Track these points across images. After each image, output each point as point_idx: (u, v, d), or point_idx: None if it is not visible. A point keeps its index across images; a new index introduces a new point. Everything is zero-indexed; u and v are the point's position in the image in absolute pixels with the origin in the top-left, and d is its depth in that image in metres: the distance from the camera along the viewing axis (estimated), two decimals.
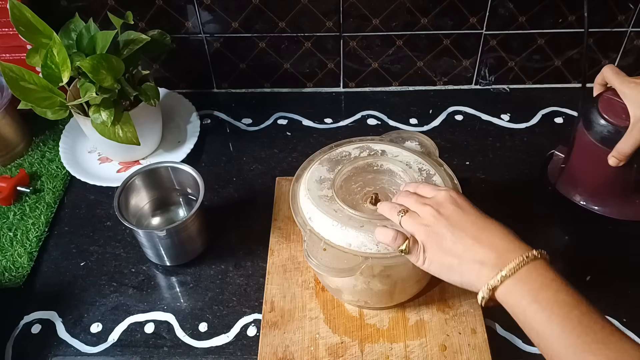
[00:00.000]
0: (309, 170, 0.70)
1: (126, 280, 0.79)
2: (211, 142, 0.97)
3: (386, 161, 0.70)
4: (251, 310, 0.75)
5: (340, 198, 0.66)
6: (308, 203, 0.66)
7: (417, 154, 0.71)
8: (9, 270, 0.79)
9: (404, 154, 0.71)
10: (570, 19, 0.94)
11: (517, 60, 1.01)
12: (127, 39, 0.82)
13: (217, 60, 1.01)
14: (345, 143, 0.74)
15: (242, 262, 0.80)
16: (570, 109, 1.00)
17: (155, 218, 0.84)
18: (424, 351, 0.69)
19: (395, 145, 0.72)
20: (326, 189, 0.67)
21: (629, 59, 1.00)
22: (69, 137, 0.94)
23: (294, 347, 0.70)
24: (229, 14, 0.94)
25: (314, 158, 0.72)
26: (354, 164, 0.70)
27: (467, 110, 1.00)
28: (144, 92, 0.84)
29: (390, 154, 0.71)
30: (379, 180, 0.69)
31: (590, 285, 0.75)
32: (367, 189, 0.68)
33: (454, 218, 0.56)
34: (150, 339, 0.73)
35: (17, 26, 0.78)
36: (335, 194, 0.66)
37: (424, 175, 0.68)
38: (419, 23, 0.95)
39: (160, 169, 0.80)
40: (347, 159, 0.71)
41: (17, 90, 0.77)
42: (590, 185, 0.80)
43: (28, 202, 0.87)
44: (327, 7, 0.93)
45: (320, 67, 1.02)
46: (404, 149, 0.72)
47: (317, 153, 0.73)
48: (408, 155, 0.70)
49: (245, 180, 0.91)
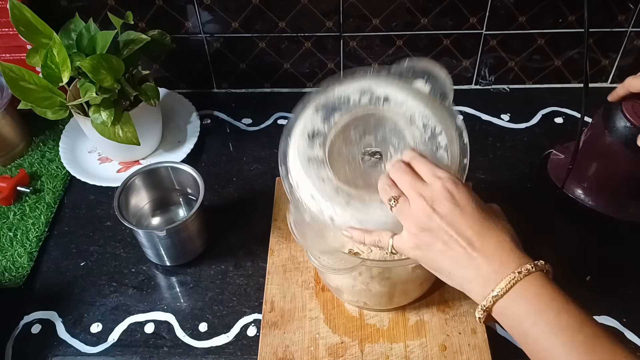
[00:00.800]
0: (302, 119, 0.61)
1: (126, 280, 0.79)
2: (211, 142, 0.97)
3: (389, 111, 0.61)
4: (251, 310, 0.75)
5: (333, 159, 0.59)
6: (296, 166, 0.59)
7: (425, 103, 0.60)
8: (9, 270, 0.79)
9: (410, 104, 0.60)
10: (570, 19, 0.94)
11: (517, 60, 1.01)
12: (127, 39, 0.82)
13: (217, 60, 1.01)
14: (347, 81, 0.63)
15: (242, 262, 0.80)
16: (570, 109, 1.00)
17: (155, 218, 0.84)
18: (424, 351, 0.69)
19: (402, 89, 0.61)
20: (318, 147, 0.59)
21: (629, 59, 1.00)
22: (69, 137, 0.94)
23: (294, 347, 0.70)
24: (229, 14, 0.94)
25: (309, 100, 0.62)
26: (352, 113, 0.61)
27: (467, 110, 1.00)
28: (144, 92, 0.84)
29: (394, 101, 0.61)
30: (381, 128, 0.61)
31: (590, 285, 0.76)
32: (367, 138, 0.61)
33: (448, 218, 0.51)
34: (150, 339, 0.73)
35: (17, 26, 0.78)
36: (326, 156, 0.59)
37: (427, 134, 0.59)
38: (419, 23, 0.95)
39: (160, 169, 0.80)
40: (345, 106, 0.61)
41: (17, 90, 0.77)
42: (603, 185, 0.80)
43: (28, 202, 0.87)
44: (327, 7, 0.93)
45: (320, 67, 1.02)
46: (410, 94, 0.61)
47: (313, 93, 0.63)
48: (413, 106, 0.60)
49: (245, 180, 0.91)
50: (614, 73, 1.02)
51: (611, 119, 0.75)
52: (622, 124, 0.73)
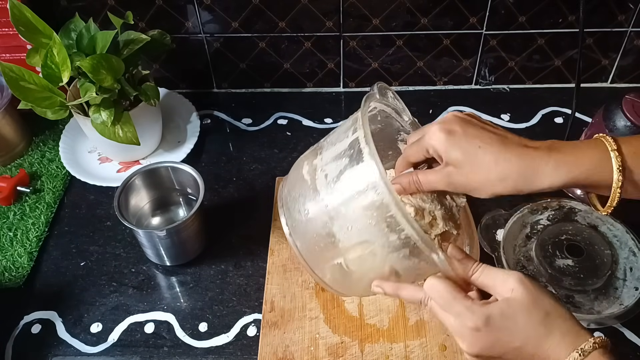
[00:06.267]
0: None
1: (126, 280, 0.79)
2: (211, 142, 0.97)
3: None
4: (251, 310, 0.75)
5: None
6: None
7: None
8: (9, 270, 0.79)
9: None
10: (570, 19, 0.94)
11: (517, 60, 1.01)
12: (127, 39, 0.82)
13: (217, 60, 1.01)
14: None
15: (242, 262, 0.80)
16: (570, 109, 1.00)
17: (155, 218, 0.84)
18: (424, 351, 0.69)
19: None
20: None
21: (629, 59, 1.00)
22: (69, 137, 0.94)
23: (294, 347, 0.70)
24: (229, 14, 0.94)
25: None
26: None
27: (467, 110, 1.00)
28: (144, 92, 0.84)
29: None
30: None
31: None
32: None
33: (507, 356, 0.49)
34: (150, 339, 0.73)
35: (17, 26, 0.78)
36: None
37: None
38: (419, 23, 0.95)
39: (160, 169, 0.80)
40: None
41: (17, 90, 0.77)
42: None
43: (28, 202, 0.87)
44: (327, 7, 0.93)
45: (320, 67, 1.02)
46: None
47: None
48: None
49: (245, 180, 0.91)
50: (614, 73, 1.02)
51: (611, 119, 0.75)
52: (622, 124, 0.73)
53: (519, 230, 0.80)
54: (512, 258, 0.77)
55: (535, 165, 0.50)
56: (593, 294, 0.73)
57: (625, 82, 1.04)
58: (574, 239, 0.77)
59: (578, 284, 0.73)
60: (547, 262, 0.75)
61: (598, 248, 0.76)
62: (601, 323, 0.70)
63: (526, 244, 0.79)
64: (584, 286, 0.73)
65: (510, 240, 0.78)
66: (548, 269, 0.74)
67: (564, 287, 0.73)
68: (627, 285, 0.74)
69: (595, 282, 0.73)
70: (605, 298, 0.73)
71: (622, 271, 0.75)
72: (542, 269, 0.75)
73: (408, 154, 0.56)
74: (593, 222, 0.80)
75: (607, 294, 0.73)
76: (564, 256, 0.75)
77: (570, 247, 0.76)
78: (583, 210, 0.81)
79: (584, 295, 0.73)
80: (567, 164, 0.50)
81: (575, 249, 0.76)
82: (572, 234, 0.78)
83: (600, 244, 0.76)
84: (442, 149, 0.52)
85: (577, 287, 0.73)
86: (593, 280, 0.73)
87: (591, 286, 0.73)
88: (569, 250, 0.76)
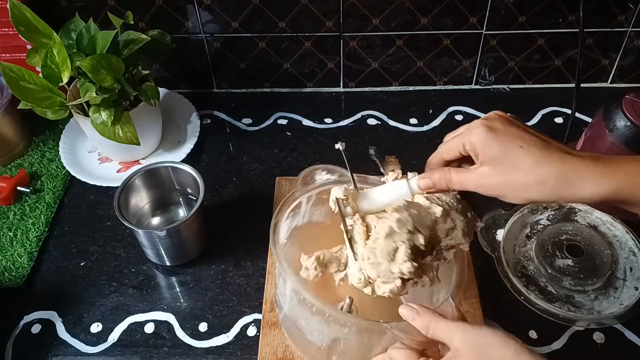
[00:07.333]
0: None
1: (126, 280, 0.79)
2: (211, 142, 0.97)
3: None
4: (251, 310, 0.75)
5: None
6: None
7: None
8: (9, 270, 0.79)
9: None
10: (570, 19, 0.94)
11: (517, 60, 1.01)
12: (127, 39, 0.82)
13: (217, 60, 1.01)
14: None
15: (242, 262, 0.80)
16: (570, 109, 1.00)
17: (155, 218, 0.84)
18: None
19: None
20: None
21: (629, 59, 1.00)
22: (69, 137, 0.94)
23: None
24: (229, 14, 0.94)
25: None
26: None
27: (467, 110, 1.00)
28: (144, 92, 0.84)
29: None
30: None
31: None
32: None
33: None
34: (150, 339, 0.73)
35: (17, 26, 0.78)
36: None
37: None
38: (419, 23, 0.95)
39: (160, 169, 0.80)
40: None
41: (17, 90, 0.77)
42: None
43: (28, 202, 0.87)
44: (327, 7, 0.93)
45: (320, 67, 1.02)
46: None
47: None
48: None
49: (245, 180, 0.91)
50: (614, 73, 1.02)
51: (612, 119, 0.75)
52: (622, 124, 0.73)
53: (519, 230, 0.80)
54: (512, 258, 0.77)
55: (579, 171, 0.48)
56: (593, 294, 0.73)
57: (625, 82, 1.04)
58: (574, 239, 0.77)
59: (578, 284, 0.73)
60: (547, 262, 0.75)
61: (598, 248, 0.76)
62: (601, 323, 0.71)
63: (526, 244, 0.79)
64: (584, 286, 0.73)
65: (510, 240, 0.78)
66: (548, 269, 0.74)
67: (564, 287, 0.74)
68: (627, 285, 0.74)
69: (595, 282, 0.73)
70: (605, 298, 0.73)
71: (622, 271, 0.76)
72: (542, 269, 0.75)
73: (443, 149, 0.55)
74: (593, 222, 0.80)
75: (607, 294, 0.74)
76: (564, 256, 0.75)
77: (570, 247, 0.76)
78: (583, 210, 0.81)
79: (584, 295, 0.73)
80: (614, 175, 0.48)
81: (575, 249, 0.76)
82: (572, 234, 0.78)
83: (600, 244, 0.76)
84: (480, 145, 0.50)
85: (577, 287, 0.73)
86: (593, 280, 0.73)
87: (591, 286, 0.73)
88: (569, 250, 0.76)
